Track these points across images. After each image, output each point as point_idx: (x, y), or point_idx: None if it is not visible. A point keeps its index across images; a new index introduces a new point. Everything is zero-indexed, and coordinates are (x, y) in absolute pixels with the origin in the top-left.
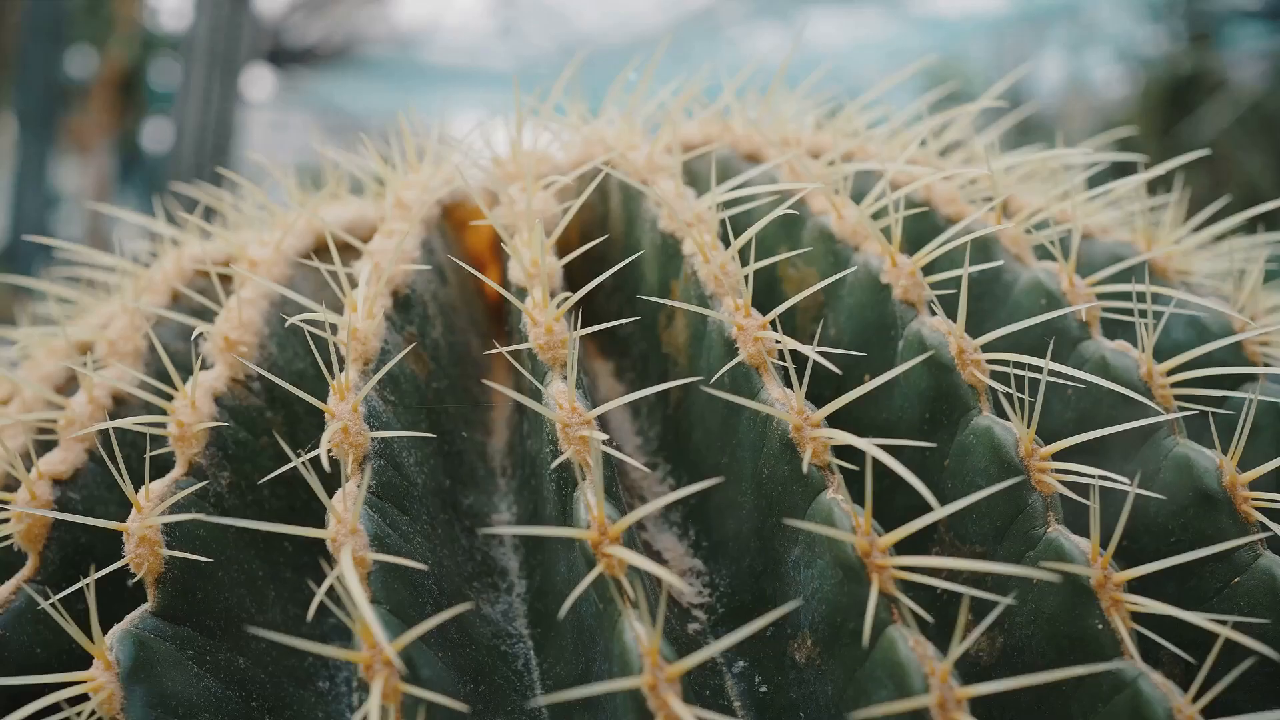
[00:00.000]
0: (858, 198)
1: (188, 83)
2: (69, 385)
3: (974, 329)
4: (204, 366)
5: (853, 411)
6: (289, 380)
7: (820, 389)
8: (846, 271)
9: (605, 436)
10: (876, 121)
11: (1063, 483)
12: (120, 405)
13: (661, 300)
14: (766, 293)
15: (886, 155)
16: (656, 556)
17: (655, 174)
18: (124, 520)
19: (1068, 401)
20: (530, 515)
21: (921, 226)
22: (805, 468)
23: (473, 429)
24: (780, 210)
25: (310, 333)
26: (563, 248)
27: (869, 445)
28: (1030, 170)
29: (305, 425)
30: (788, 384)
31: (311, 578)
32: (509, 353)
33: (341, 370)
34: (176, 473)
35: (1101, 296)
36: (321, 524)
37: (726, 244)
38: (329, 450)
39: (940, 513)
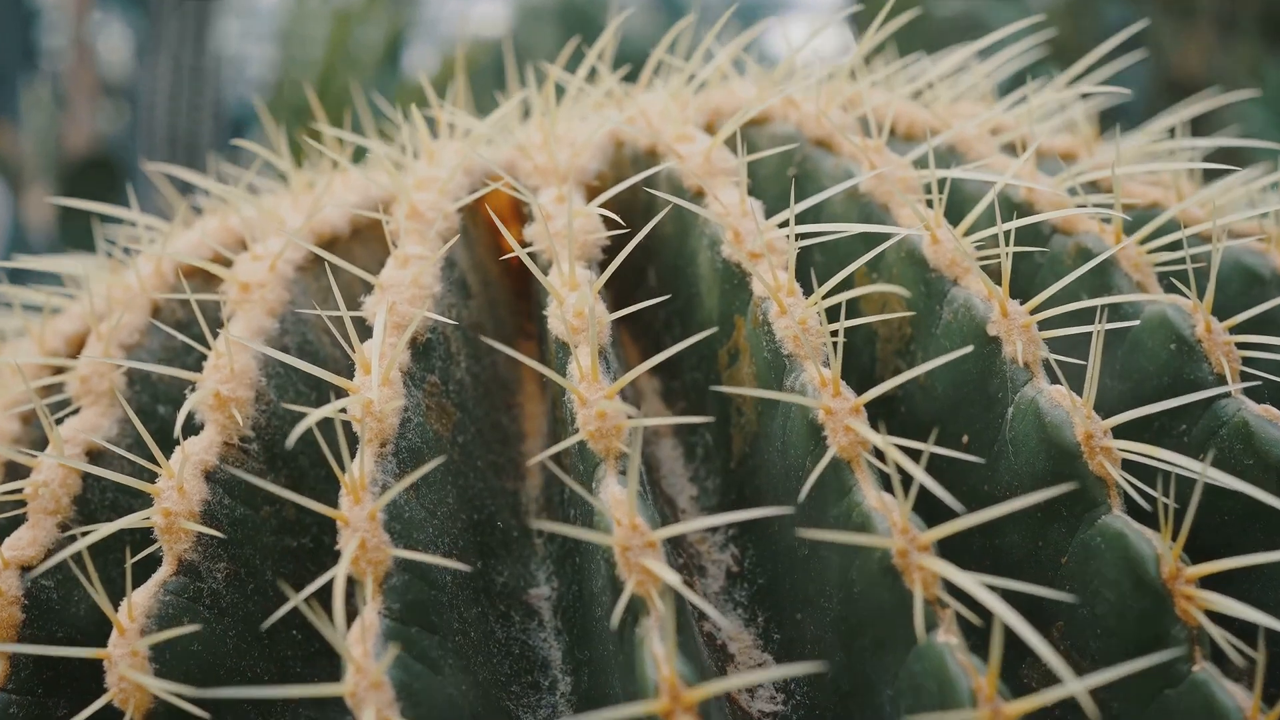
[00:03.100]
0: (955, 197)
1: None
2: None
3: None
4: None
5: (947, 475)
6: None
7: (905, 435)
8: (943, 310)
9: (677, 577)
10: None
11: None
12: (98, 459)
13: (720, 334)
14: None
15: (986, 142)
16: (721, 650)
17: (714, 179)
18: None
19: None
20: (573, 597)
21: (1020, 230)
22: (918, 613)
23: (503, 475)
24: (858, 227)
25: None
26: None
27: (987, 595)
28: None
29: (311, 479)
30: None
31: (325, 666)
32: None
33: (350, 444)
34: (164, 573)
35: (1243, 346)
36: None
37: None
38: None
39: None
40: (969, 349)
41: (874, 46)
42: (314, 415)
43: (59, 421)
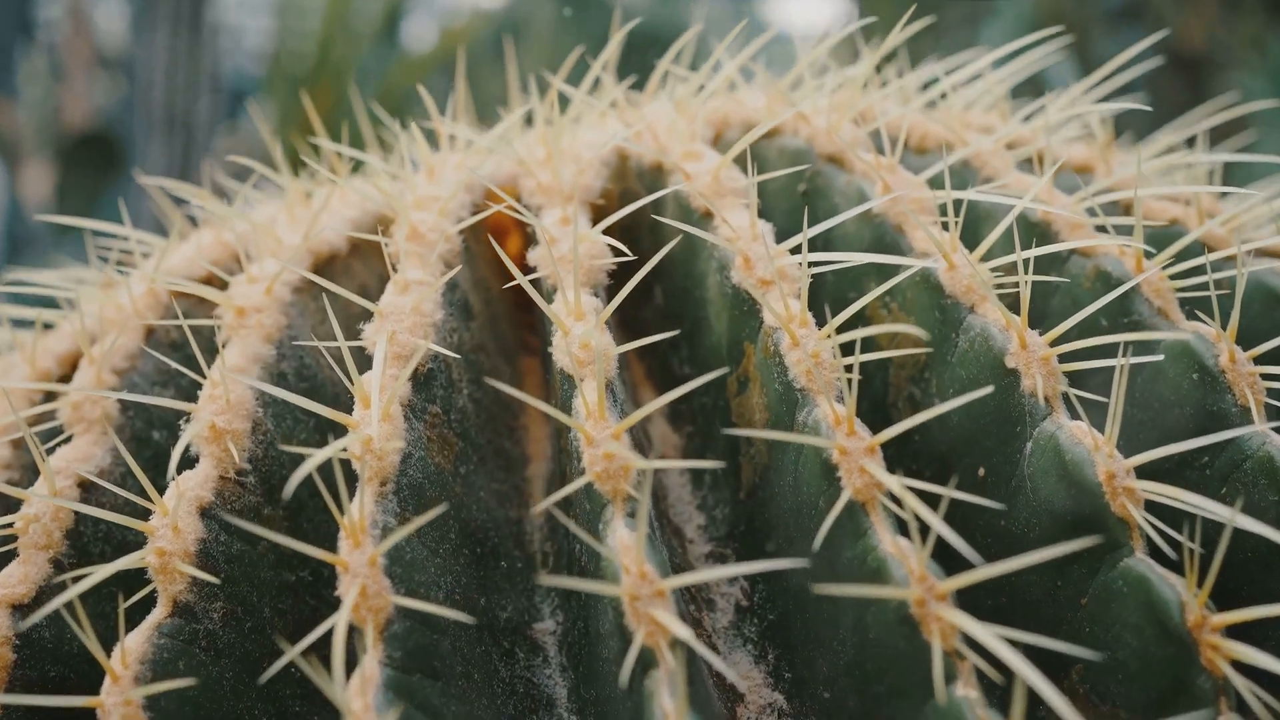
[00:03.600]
0: (970, 214)
1: None
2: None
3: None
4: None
5: (963, 506)
6: (293, 459)
7: (919, 466)
8: (959, 339)
9: (688, 631)
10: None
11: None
12: (90, 492)
13: (729, 359)
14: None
15: (1001, 157)
16: (730, 691)
17: (723, 200)
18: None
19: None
20: (579, 633)
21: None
22: (937, 666)
23: (506, 503)
24: (872, 258)
25: (325, 351)
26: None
27: (1008, 653)
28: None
29: (310, 511)
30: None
31: (325, 703)
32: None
33: (349, 479)
34: (158, 615)
35: (1267, 376)
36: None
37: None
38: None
39: None
40: (988, 389)
41: (884, 54)
42: (312, 461)
43: (51, 450)
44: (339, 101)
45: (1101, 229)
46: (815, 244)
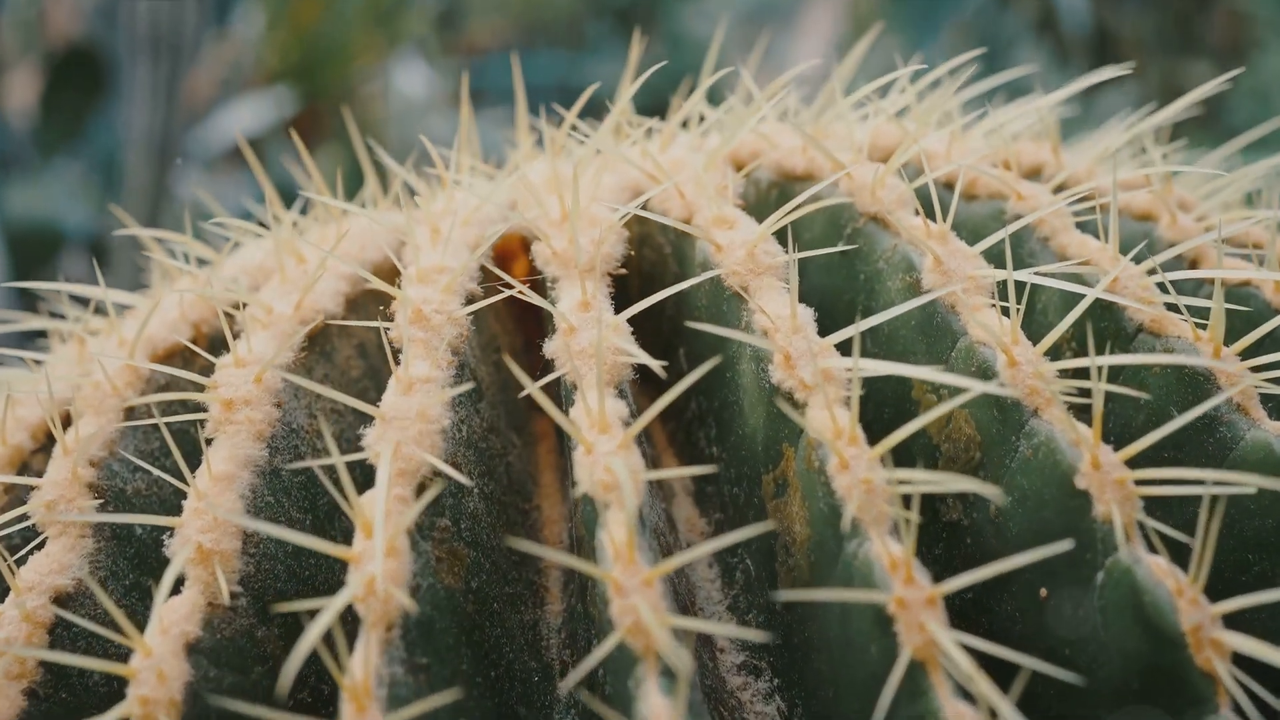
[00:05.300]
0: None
1: None
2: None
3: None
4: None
5: (1020, 628)
6: (287, 569)
7: (969, 567)
8: (1020, 443)
9: None
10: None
11: None
12: (68, 605)
13: (765, 457)
14: (895, 405)
15: (1061, 217)
16: None
17: (760, 279)
18: None
19: None
20: None
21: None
22: None
23: (520, 606)
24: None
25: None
26: (620, 289)
27: None
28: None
29: (307, 621)
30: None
31: None
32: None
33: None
34: None
35: None
36: None
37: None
38: None
39: None
40: (1065, 546)
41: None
42: (311, 637)
43: (20, 557)
44: (329, 4)
45: (1172, 307)
46: (854, 297)
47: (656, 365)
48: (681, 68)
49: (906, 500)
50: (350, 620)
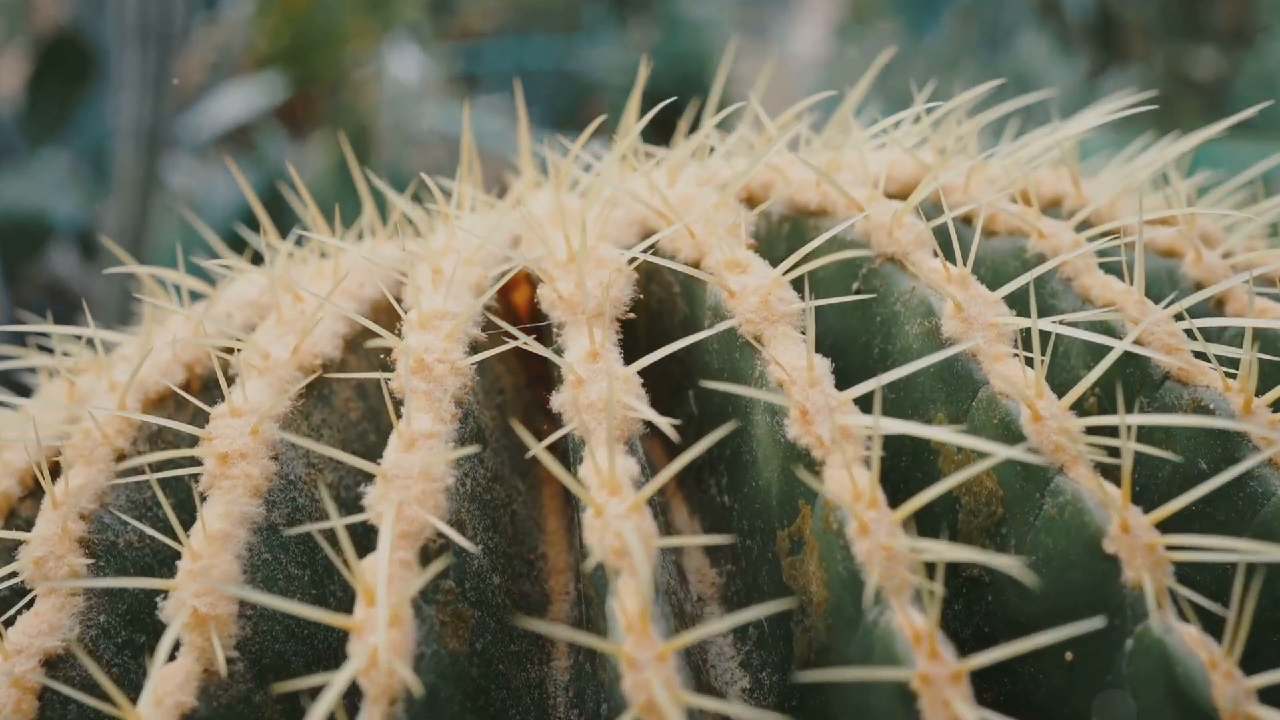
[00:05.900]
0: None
1: None
2: None
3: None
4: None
5: (1041, 693)
6: (286, 629)
7: (991, 629)
8: (1045, 500)
9: None
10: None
11: None
12: (58, 669)
13: (780, 513)
14: (913, 454)
15: (1085, 259)
16: None
17: (773, 326)
18: None
19: None
20: None
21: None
22: None
23: (526, 664)
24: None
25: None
26: (627, 325)
27: None
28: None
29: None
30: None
31: None
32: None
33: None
34: None
35: None
36: None
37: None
38: None
39: None
40: (1097, 623)
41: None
42: (314, 717)
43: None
44: None
45: (1201, 355)
46: (871, 346)
47: (667, 425)
48: (678, 50)
49: (929, 567)
50: (351, 687)
